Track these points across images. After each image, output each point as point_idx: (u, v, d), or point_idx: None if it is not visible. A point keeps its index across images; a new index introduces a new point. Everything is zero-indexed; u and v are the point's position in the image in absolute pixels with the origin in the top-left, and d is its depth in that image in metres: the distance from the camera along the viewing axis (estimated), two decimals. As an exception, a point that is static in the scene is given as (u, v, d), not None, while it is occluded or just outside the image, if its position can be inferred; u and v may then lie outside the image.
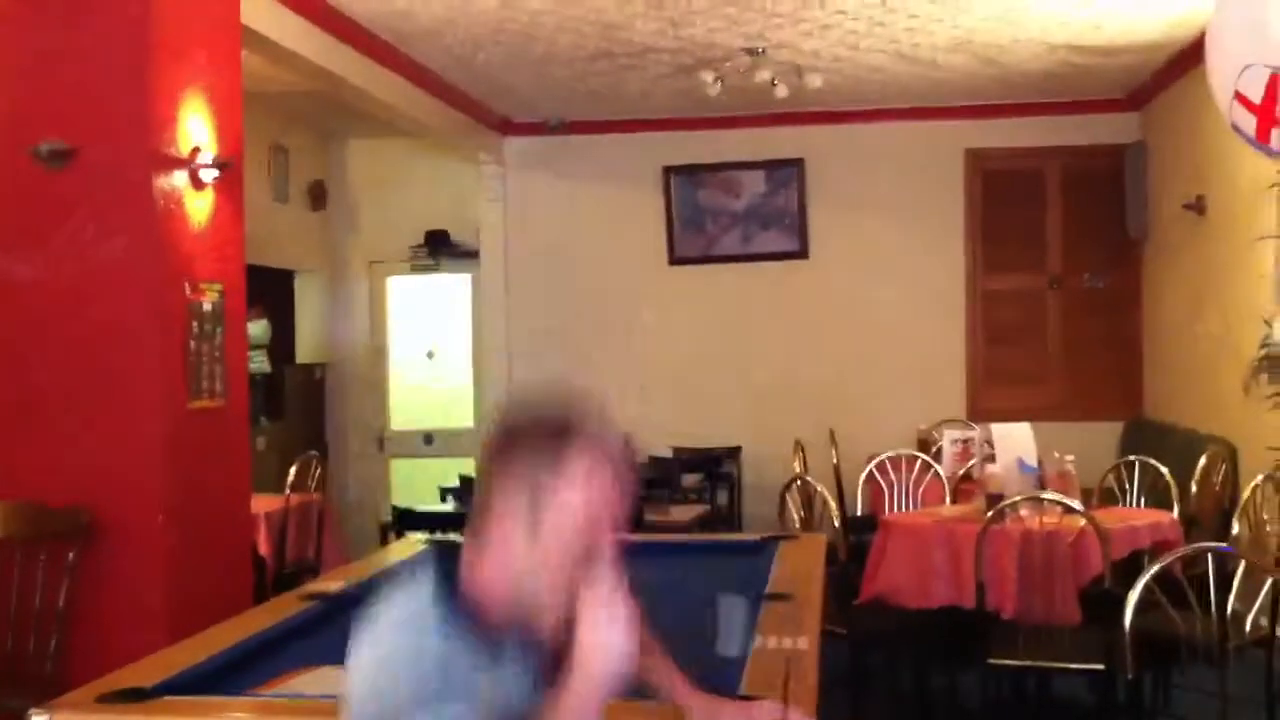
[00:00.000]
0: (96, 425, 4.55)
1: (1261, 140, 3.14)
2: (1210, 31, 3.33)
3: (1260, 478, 5.11)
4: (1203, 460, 6.27)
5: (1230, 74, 3.12)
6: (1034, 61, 7.63)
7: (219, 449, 4.95)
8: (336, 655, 2.74)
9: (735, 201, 9.25)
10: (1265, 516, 5.04)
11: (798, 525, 5.39)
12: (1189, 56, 7.08)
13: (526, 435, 1.66)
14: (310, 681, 2.58)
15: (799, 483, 5.67)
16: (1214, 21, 3.29)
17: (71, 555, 4.38)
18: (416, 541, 4.32)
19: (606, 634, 1.56)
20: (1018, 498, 4.68)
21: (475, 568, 1.67)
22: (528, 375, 8.97)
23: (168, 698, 2.42)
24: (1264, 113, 3.06)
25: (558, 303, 9.08)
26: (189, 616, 4.07)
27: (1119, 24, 6.83)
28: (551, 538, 1.62)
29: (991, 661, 4.43)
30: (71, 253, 4.55)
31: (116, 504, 4.51)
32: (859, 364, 8.99)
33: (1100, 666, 4.30)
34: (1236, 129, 3.23)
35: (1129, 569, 4.45)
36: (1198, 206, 7.38)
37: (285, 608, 3.27)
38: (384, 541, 6.45)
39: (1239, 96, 3.10)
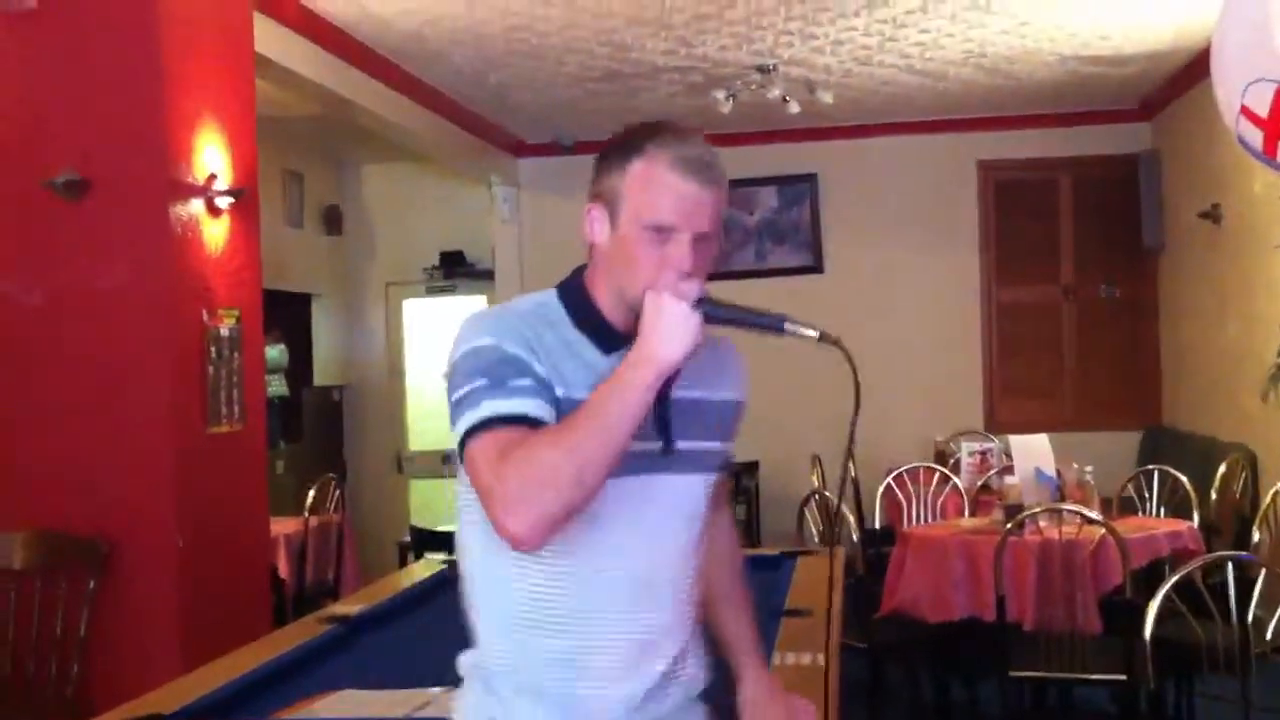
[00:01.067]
0: (115, 452, 4.57)
1: (1269, 154, 3.13)
2: (1214, 45, 3.33)
3: (1280, 485, 5.09)
4: (1222, 468, 6.25)
5: (1236, 88, 3.11)
6: (1044, 72, 7.63)
7: (237, 473, 4.97)
8: (356, 678, 2.76)
9: (749, 217, 9.26)
10: (1286, 524, 5.01)
11: (816, 539, 5.39)
12: (1199, 65, 7.07)
13: (609, 148, 1.88)
14: (331, 705, 2.59)
15: (817, 497, 5.67)
16: (1218, 35, 3.28)
17: (91, 582, 4.40)
18: (435, 562, 4.33)
19: (658, 319, 1.72)
20: (1036, 508, 4.67)
21: (596, 278, 1.89)
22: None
23: (188, 723, 2.43)
24: (1271, 126, 3.05)
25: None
26: (209, 641, 4.08)
27: (1127, 33, 6.83)
28: (628, 231, 1.81)
29: (1012, 673, 4.42)
30: (89, 282, 4.58)
31: (135, 530, 4.53)
32: (875, 377, 8.85)
33: (1122, 677, 4.29)
34: (1243, 143, 3.22)
35: (1149, 578, 4.44)
36: (1213, 215, 7.37)
37: (305, 631, 3.28)
38: (403, 563, 6.47)
39: (1245, 111, 3.09)
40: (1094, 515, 4.55)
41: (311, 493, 6.45)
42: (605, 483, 1.70)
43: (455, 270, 9.83)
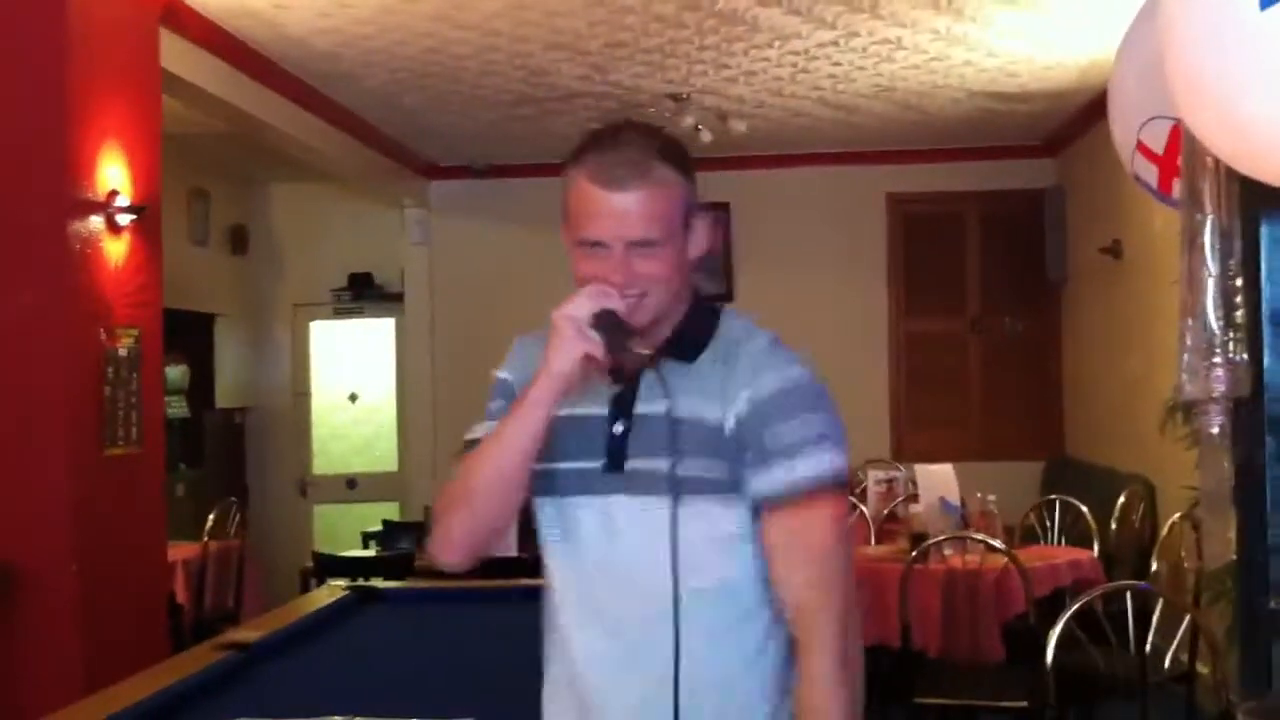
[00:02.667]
0: (8, 475, 4.44)
1: (1164, 191, 3.19)
2: (1112, 83, 3.39)
3: (1177, 515, 5.18)
4: (1121, 498, 6.36)
5: (1132, 125, 3.17)
6: (953, 108, 7.75)
7: (135, 496, 4.86)
8: (254, 708, 2.69)
9: (660, 245, 9.27)
10: (1183, 554, 5.10)
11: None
12: (1102, 102, 7.19)
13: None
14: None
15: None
16: (1116, 73, 3.35)
17: (-19, 607, 4.27)
18: (337, 588, 4.25)
19: (552, 334, 1.73)
20: (941, 537, 4.72)
21: None
22: (453, 419, 8.90)
23: (77, 753, 2.36)
24: (1166, 164, 3.11)
25: (483, 345, 8.88)
26: (105, 667, 3.97)
27: (1034, 71, 6.96)
28: (569, 242, 1.83)
29: (917, 700, 4.44)
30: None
31: (29, 554, 4.40)
32: (784, 406, 9.01)
33: (1024, 704, 4.33)
34: (1139, 180, 3.29)
35: (1051, 607, 4.50)
36: (1114, 250, 7.52)
37: (202, 658, 3.19)
38: (305, 588, 6.35)
39: (1141, 147, 3.15)
40: (997, 544, 4.60)
41: (211, 517, 6.34)
42: (509, 498, 1.77)
43: (364, 292, 9.73)
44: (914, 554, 4.57)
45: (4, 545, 4.38)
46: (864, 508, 6.40)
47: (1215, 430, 3.01)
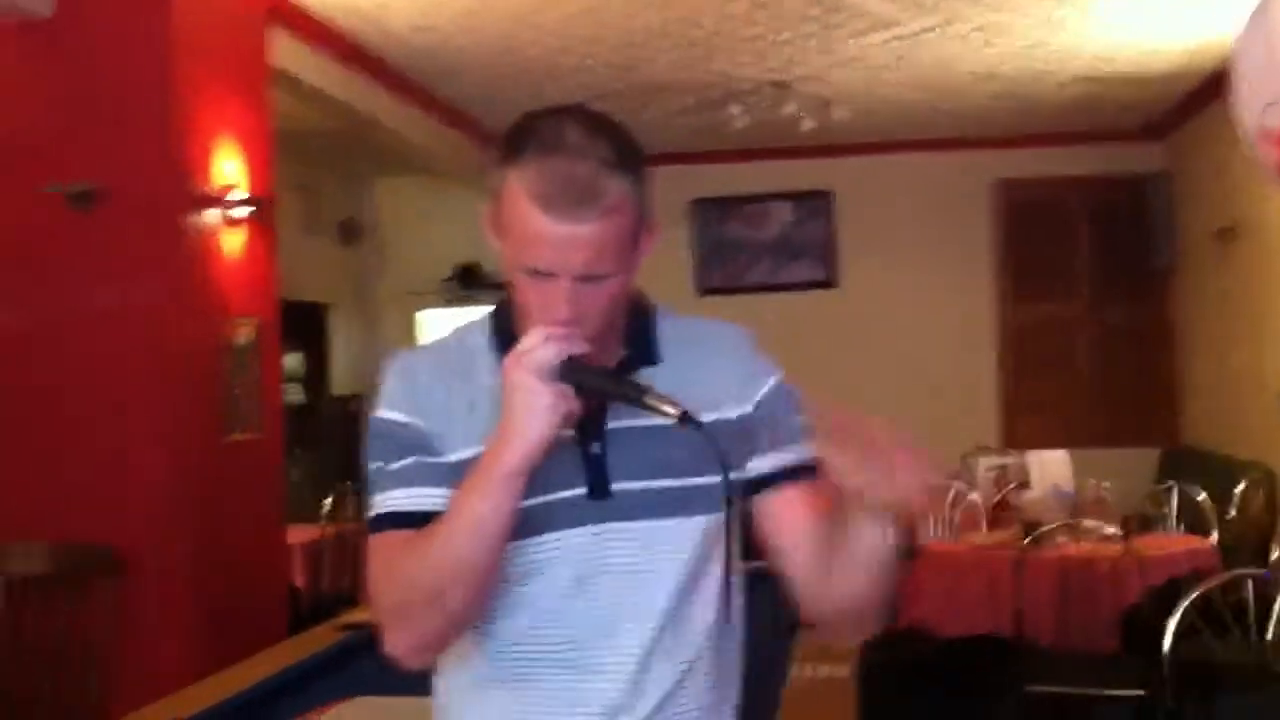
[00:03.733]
0: (132, 461, 4.56)
1: (1287, 176, 3.13)
2: (1234, 65, 3.33)
3: (1299, 503, 5.06)
4: (1241, 486, 6.23)
5: (1255, 110, 3.11)
6: (1057, 92, 7.63)
7: (254, 481, 4.97)
8: (372, 686, 2.75)
9: (762, 233, 9.26)
10: (1304, 542, 4.99)
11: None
12: (1211, 86, 7.06)
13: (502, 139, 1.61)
14: (346, 713, 2.58)
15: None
16: (1236, 57, 3.28)
17: (107, 592, 4.40)
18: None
19: (513, 396, 1.44)
20: (1054, 524, 4.66)
21: None
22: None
23: (206, 729, 2.43)
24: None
25: (588, 335, 9.07)
26: (225, 650, 4.06)
27: (1138, 54, 6.82)
28: (508, 259, 1.54)
29: (1029, 689, 4.39)
30: (103, 291, 4.58)
31: (151, 539, 4.52)
32: (891, 393, 8.93)
33: (1141, 694, 4.26)
34: (1262, 165, 3.22)
35: (1167, 596, 4.42)
36: (1226, 236, 7.35)
37: (321, 639, 3.27)
38: (418, 573, 6.44)
39: (1263, 132, 3.09)
40: (1112, 532, 4.53)
41: (328, 501, 6.45)
42: (487, 588, 1.49)
43: (471, 282, 9.85)
44: (1026, 541, 4.52)
45: (126, 530, 4.50)
46: (974, 495, 6.32)
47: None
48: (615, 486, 1.55)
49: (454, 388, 1.57)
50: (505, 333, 1.58)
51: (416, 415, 1.55)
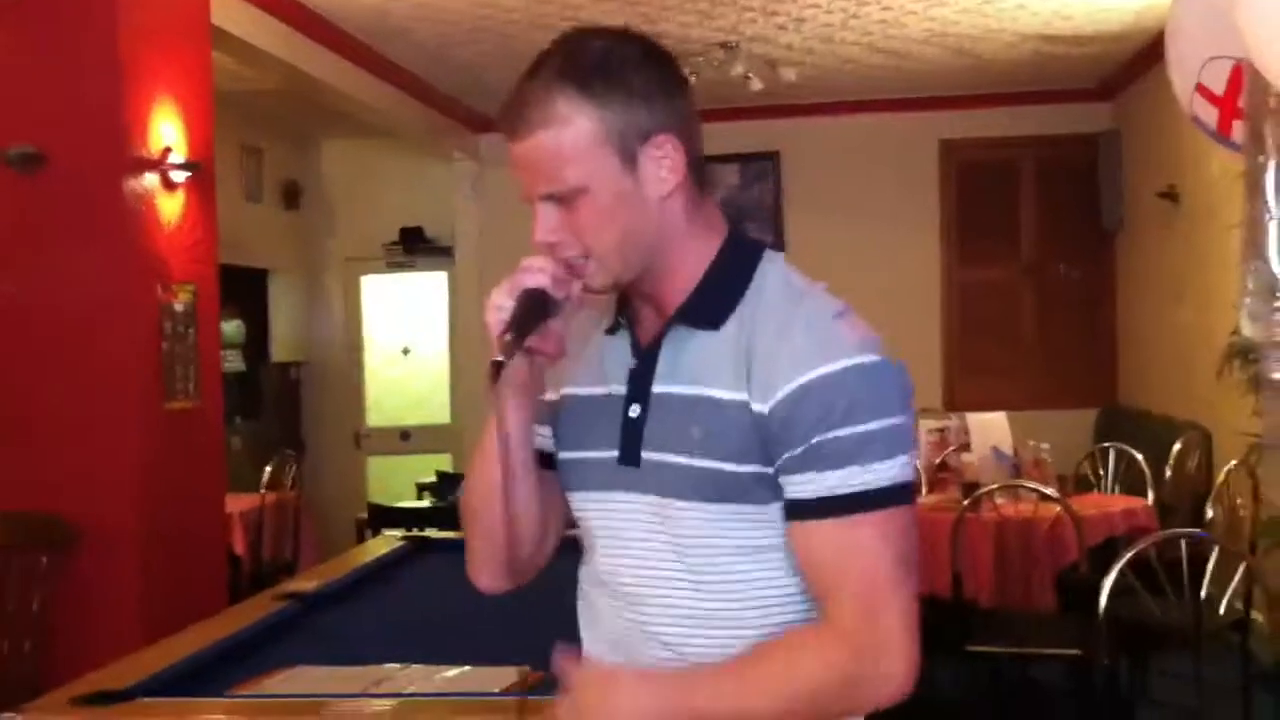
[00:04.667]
0: (70, 430, 4.52)
1: (1223, 133, 3.16)
2: (1171, 23, 3.35)
3: (1233, 463, 5.14)
4: (1177, 446, 6.31)
5: (1192, 66, 3.13)
6: (1006, 52, 7.65)
7: (194, 449, 4.94)
8: (312, 655, 2.75)
9: (710, 195, 9.25)
10: (1239, 501, 5.07)
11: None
12: (1159, 45, 7.07)
13: None
14: (286, 681, 2.57)
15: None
16: (1174, 12, 3.30)
17: (46, 560, 4.36)
18: (392, 538, 4.31)
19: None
20: (994, 486, 4.71)
21: None
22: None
23: (142, 699, 2.41)
24: (1226, 105, 3.07)
25: (534, 299, 9.04)
26: (165, 618, 4.06)
27: (1088, 13, 6.85)
28: None
29: (969, 649, 4.45)
30: (42, 257, 4.53)
31: (92, 507, 4.49)
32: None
33: (1077, 652, 4.33)
34: (1198, 121, 3.25)
35: (1104, 556, 4.48)
36: (1171, 195, 7.42)
37: (261, 608, 3.25)
38: (360, 539, 6.44)
39: (1200, 89, 3.11)
40: (1051, 493, 4.59)
41: (268, 469, 6.42)
42: (508, 509, 1.52)
43: (415, 246, 9.78)
44: (966, 503, 4.56)
45: (67, 498, 4.47)
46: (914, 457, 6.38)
47: (1277, 375, 2.98)
48: (646, 456, 1.47)
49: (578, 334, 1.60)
50: None
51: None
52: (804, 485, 1.40)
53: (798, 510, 1.41)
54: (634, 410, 1.49)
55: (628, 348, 1.54)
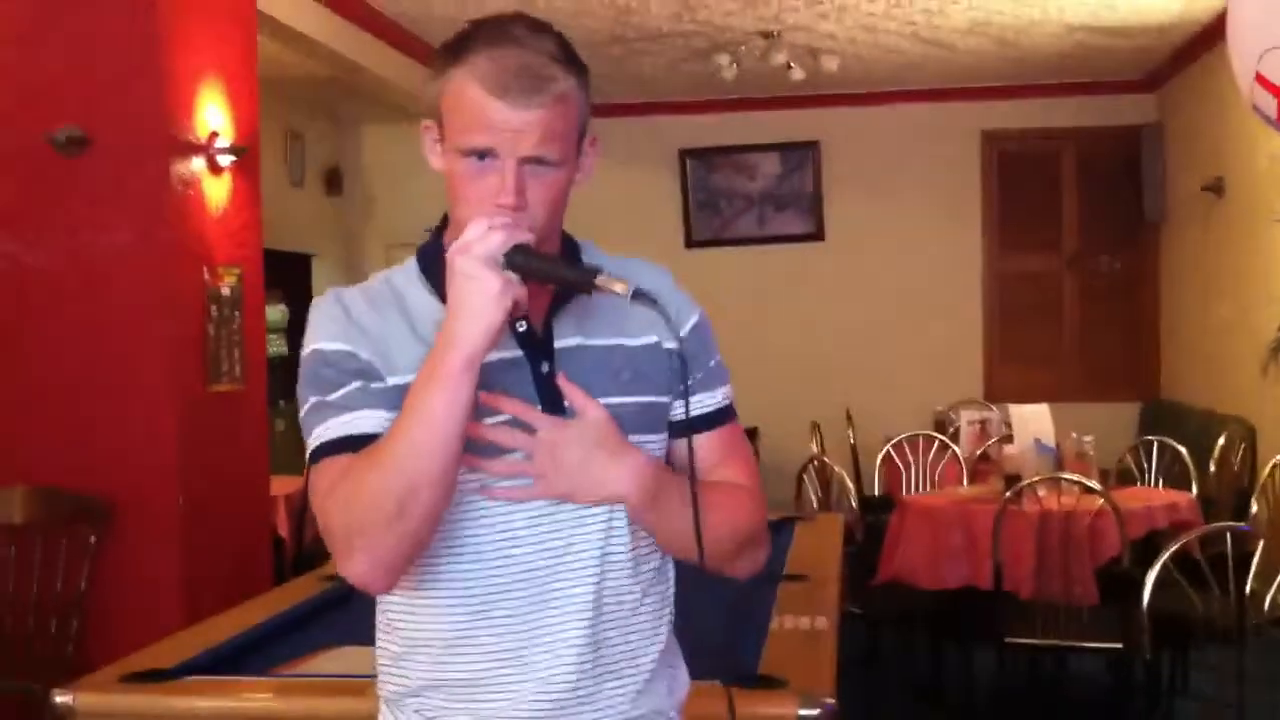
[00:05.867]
0: (116, 410, 4.57)
1: (1283, 122, 3.13)
2: (1231, 13, 3.32)
3: (1279, 458, 5.09)
4: (1221, 440, 6.27)
5: (1252, 56, 3.10)
6: (1050, 42, 7.60)
7: (238, 432, 4.98)
8: (355, 635, 2.77)
9: (751, 184, 9.25)
10: (1283, 496, 5.02)
11: (815, 506, 5.40)
12: (1205, 38, 7.05)
13: (438, 52, 1.59)
14: (329, 661, 2.60)
15: (816, 464, 5.68)
16: (1233, 3, 3.27)
17: (92, 539, 4.42)
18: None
19: (456, 286, 1.43)
20: (1035, 478, 4.68)
21: (450, 223, 1.60)
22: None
23: (189, 678, 2.44)
24: (1285, 95, 3.04)
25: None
26: (209, 598, 4.10)
27: (1133, 4, 6.80)
28: (449, 152, 1.54)
29: (1008, 640, 4.44)
30: (88, 239, 4.57)
31: (136, 488, 4.54)
32: (875, 345, 8.98)
33: (1118, 646, 4.31)
34: (1257, 110, 3.22)
35: (1146, 549, 4.45)
36: (1216, 188, 7.35)
37: (304, 589, 3.29)
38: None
39: (1260, 79, 3.08)
40: (1093, 485, 4.56)
41: (311, 453, 6.45)
42: (448, 497, 1.44)
43: (456, 232, 9.81)
44: (1007, 495, 4.54)
45: (112, 479, 4.52)
46: (956, 448, 6.37)
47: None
48: (570, 405, 1.52)
49: (389, 317, 1.55)
50: (436, 264, 1.55)
51: (354, 344, 1.52)
52: (706, 401, 1.66)
53: (704, 422, 1.65)
54: (544, 366, 1.55)
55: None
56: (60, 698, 2.33)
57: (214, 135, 4.81)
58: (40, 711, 2.42)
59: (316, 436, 1.51)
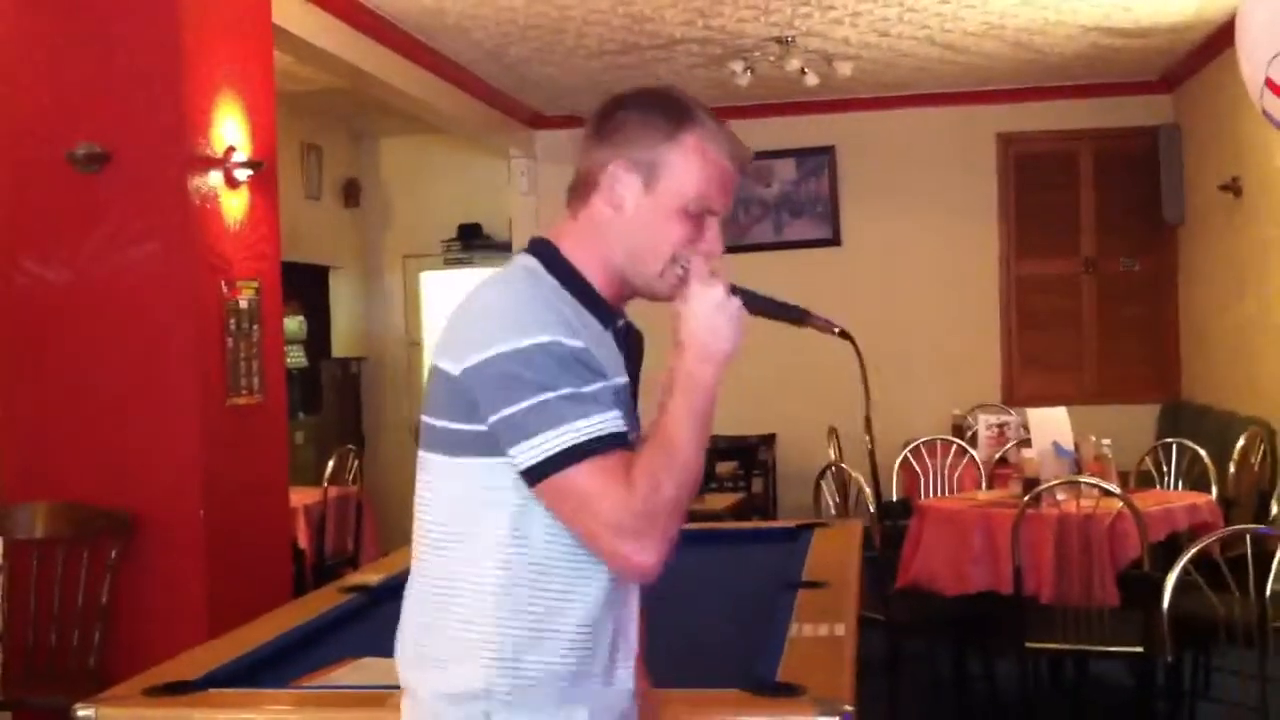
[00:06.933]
0: (136, 424, 4.60)
1: (1292, 127, 3.13)
2: (1240, 18, 3.32)
3: (1299, 459, 5.07)
4: (1241, 441, 6.24)
5: (1261, 61, 3.11)
6: (1066, 44, 7.59)
7: (257, 444, 5.00)
8: (377, 647, 2.78)
9: (766, 190, 9.25)
10: (1304, 497, 5.00)
11: (833, 512, 5.40)
12: (1221, 38, 7.02)
13: (642, 107, 1.71)
14: (352, 673, 2.61)
15: (834, 469, 5.67)
16: (1244, 8, 3.27)
17: (113, 553, 4.44)
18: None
19: (712, 312, 1.63)
20: (1054, 481, 4.67)
21: (582, 246, 1.72)
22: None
23: (212, 690, 2.46)
24: (1295, 100, 3.04)
25: (591, 294, 9.08)
26: (230, 610, 4.11)
27: (1149, 4, 6.79)
28: (665, 203, 1.67)
29: (1029, 645, 4.43)
30: (107, 255, 4.60)
31: (157, 501, 4.56)
32: (893, 350, 8.94)
33: (1139, 649, 4.29)
34: (1267, 115, 3.22)
35: (1167, 552, 4.44)
36: (1234, 188, 7.33)
37: (325, 600, 3.31)
38: (421, 534, 6.49)
39: (1270, 84, 3.09)
40: (1112, 489, 4.55)
41: (330, 464, 6.49)
42: None
43: (473, 243, 9.84)
44: (1026, 499, 4.53)
45: (133, 492, 4.55)
46: (974, 453, 6.36)
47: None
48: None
49: (585, 321, 1.65)
50: (574, 279, 1.69)
51: (586, 344, 1.61)
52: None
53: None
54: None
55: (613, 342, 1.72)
56: (83, 711, 2.34)
57: (231, 150, 4.83)
58: (64, 725, 2.43)
59: (582, 427, 1.55)
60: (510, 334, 1.57)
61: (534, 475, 1.57)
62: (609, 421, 1.57)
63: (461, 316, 1.65)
